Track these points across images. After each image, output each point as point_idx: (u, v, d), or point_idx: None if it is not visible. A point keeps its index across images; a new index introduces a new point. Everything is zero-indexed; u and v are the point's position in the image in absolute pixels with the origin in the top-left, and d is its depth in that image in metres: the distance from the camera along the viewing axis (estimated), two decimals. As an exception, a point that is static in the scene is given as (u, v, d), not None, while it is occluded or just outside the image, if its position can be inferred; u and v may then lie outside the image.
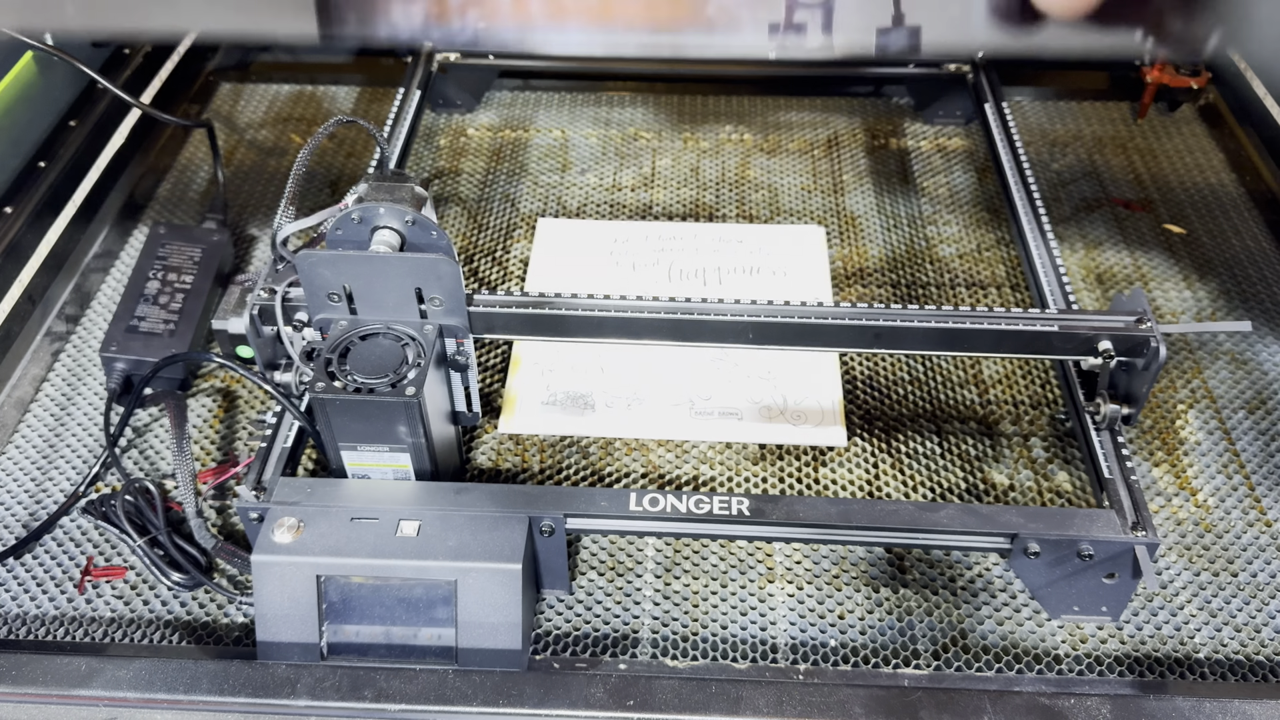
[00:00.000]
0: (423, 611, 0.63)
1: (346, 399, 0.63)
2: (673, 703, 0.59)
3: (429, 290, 0.67)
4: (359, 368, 0.65)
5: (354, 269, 0.66)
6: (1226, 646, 0.67)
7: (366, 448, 0.66)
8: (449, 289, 0.67)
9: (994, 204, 1.02)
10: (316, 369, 0.65)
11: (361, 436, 0.66)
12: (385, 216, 0.67)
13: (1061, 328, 0.70)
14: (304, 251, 0.66)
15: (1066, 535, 0.65)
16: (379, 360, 0.65)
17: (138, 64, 1.09)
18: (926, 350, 0.73)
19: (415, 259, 0.65)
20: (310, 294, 0.67)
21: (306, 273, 0.66)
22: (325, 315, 0.68)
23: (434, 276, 0.66)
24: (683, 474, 0.78)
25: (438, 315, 0.68)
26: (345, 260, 0.65)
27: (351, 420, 0.65)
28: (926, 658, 0.67)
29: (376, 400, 0.63)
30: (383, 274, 0.66)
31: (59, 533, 0.74)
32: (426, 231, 0.67)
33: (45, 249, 0.92)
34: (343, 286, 0.66)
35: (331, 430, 0.65)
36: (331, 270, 0.66)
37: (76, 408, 0.83)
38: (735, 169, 1.07)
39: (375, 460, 0.67)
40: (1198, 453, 0.79)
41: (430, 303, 0.67)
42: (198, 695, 0.59)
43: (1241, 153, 1.07)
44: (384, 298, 0.67)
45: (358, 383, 0.64)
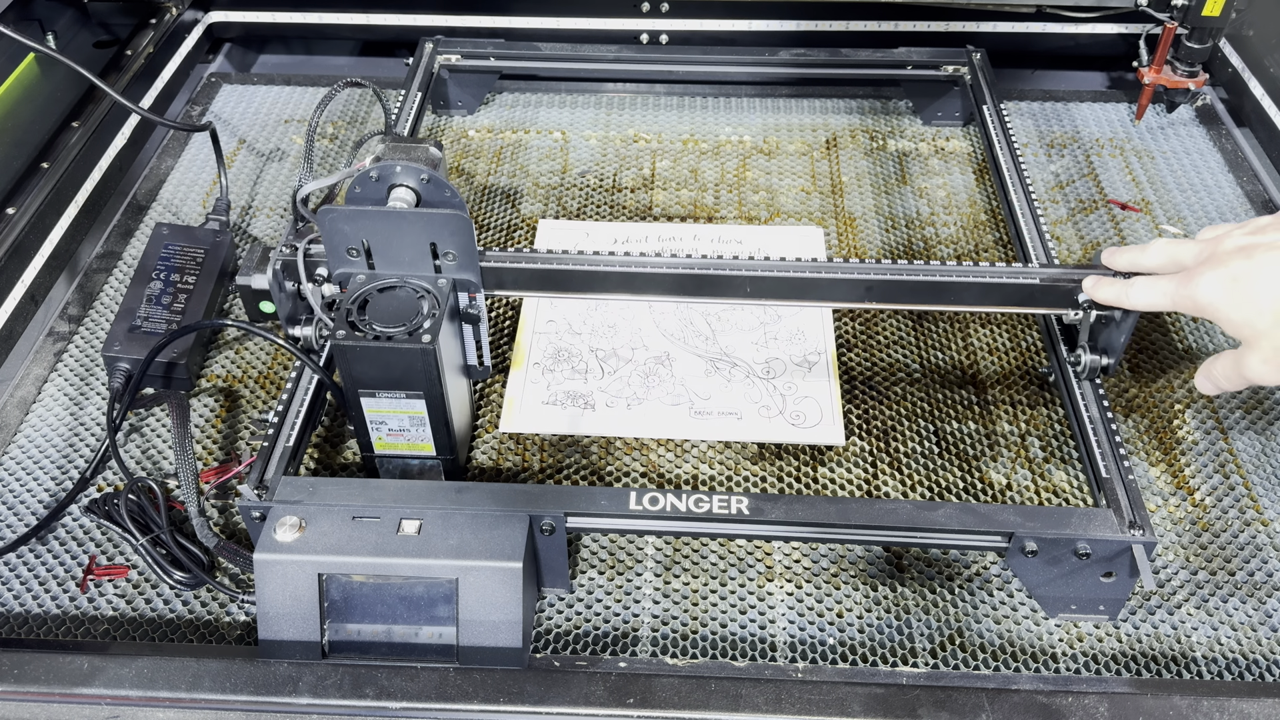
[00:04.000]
0: (424, 610, 0.63)
1: (366, 346, 0.66)
2: (672, 700, 0.59)
3: (443, 245, 0.70)
4: (377, 318, 0.68)
5: (372, 224, 0.68)
6: (1223, 645, 0.68)
7: (385, 395, 0.69)
8: (462, 244, 0.70)
9: (992, 205, 1.02)
10: (337, 319, 0.68)
11: (380, 384, 0.68)
12: (402, 175, 0.71)
13: (1043, 280, 0.73)
14: (325, 207, 0.69)
15: (1064, 534, 0.65)
16: (396, 311, 0.68)
17: (139, 66, 1.09)
18: (915, 304, 0.76)
19: (430, 214, 0.68)
20: (330, 249, 0.70)
21: (327, 228, 0.69)
22: (344, 270, 0.71)
23: (448, 232, 0.69)
24: (682, 473, 0.78)
25: (451, 270, 0.71)
26: (364, 215, 0.68)
27: (370, 367, 0.68)
28: (924, 656, 0.67)
29: (394, 347, 0.66)
30: (399, 229, 0.69)
31: (61, 532, 0.74)
32: (441, 189, 0.71)
33: (48, 249, 0.92)
34: (361, 241, 0.69)
35: (352, 378, 0.68)
36: (351, 225, 0.69)
37: (79, 407, 0.83)
38: (734, 170, 1.07)
39: (392, 407, 0.70)
40: (1195, 452, 0.80)
41: (444, 258, 0.70)
42: (200, 694, 0.59)
43: (1239, 154, 1.08)
44: (400, 253, 0.70)
45: (376, 331, 0.67)
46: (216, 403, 0.83)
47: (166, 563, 0.70)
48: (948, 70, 1.10)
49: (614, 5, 1.17)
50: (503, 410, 0.82)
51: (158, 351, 0.76)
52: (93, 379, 0.85)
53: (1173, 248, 0.67)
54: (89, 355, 0.87)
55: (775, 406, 0.82)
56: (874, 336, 0.88)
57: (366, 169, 0.71)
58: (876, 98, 1.17)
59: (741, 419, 0.81)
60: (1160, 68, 1.09)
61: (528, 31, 1.19)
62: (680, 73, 1.14)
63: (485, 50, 1.12)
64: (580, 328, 0.88)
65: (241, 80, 1.20)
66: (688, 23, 1.18)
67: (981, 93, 1.06)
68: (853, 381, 0.85)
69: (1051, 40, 1.19)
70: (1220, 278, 0.61)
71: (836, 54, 1.12)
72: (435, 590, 0.63)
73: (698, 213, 1.02)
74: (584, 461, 0.79)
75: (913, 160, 1.08)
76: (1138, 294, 0.67)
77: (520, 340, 0.87)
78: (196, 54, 1.22)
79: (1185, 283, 0.63)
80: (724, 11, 1.17)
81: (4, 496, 0.77)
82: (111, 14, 1.15)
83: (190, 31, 1.21)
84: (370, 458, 0.74)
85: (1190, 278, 0.63)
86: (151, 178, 1.05)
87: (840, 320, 0.90)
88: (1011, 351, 0.87)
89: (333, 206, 0.69)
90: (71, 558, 0.72)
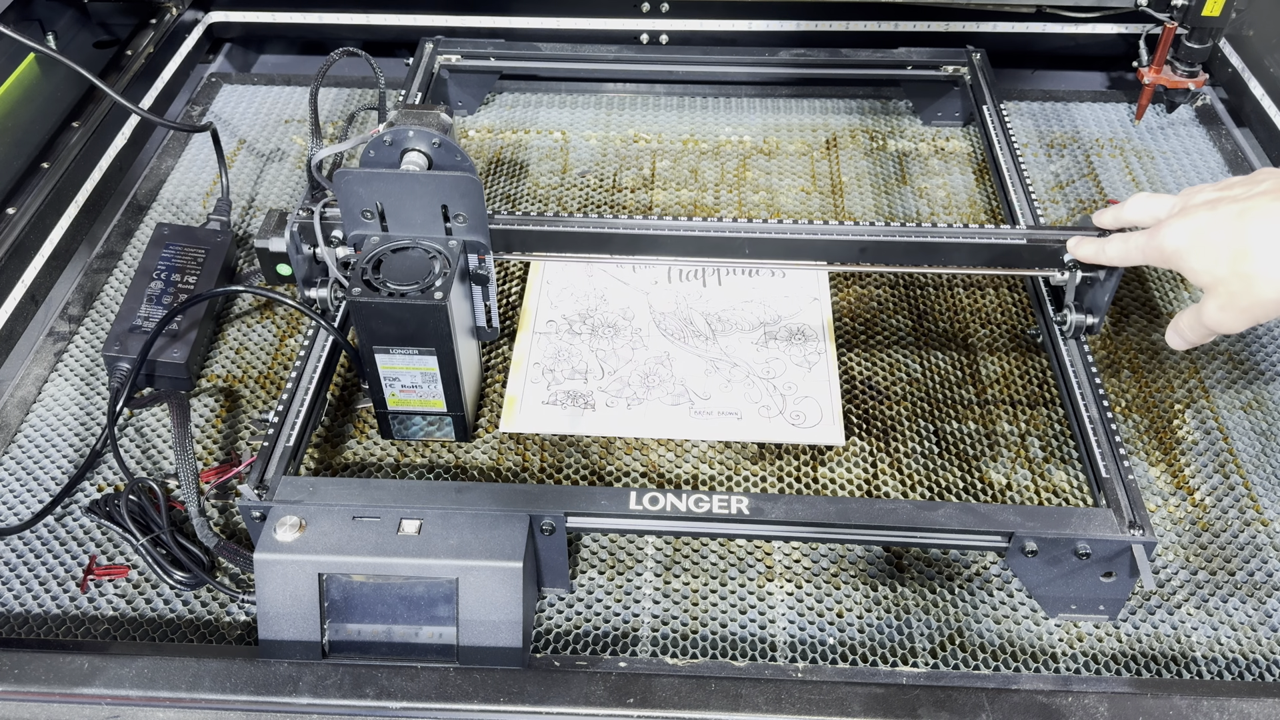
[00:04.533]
0: (424, 610, 0.63)
1: (381, 302, 0.69)
2: (672, 700, 0.59)
3: (454, 207, 0.72)
4: (391, 277, 0.70)
5: (386, 186, 0.71)
6: (1223, 645, 0.68)
7: (398, 351, 0.72)
8: (472, 206, 0.72)
9: (992, 205, 1.02)
10: (353, 277, 0.70)
11: (394, 340, 0.71)
12: (414, 139, 0.73)
13: (1030, 240, 0.77)
14: (341, 170, 0.71)
15: (1064, 534, 0.65)
16: (409, 270, 0.71)
17: (139, 66, 1.09)
18: (908, 266, 0.78)
19: (442, 176, 0.71)
20: (345, 211, 0.73)
21: (343, 190, 0.71)
22: (359, 232, 0.74)
23: (459, 194, 0.71)
24: (682, 473, 0.78)
25: (462, 232, 0.74)
26: (378, 178, 0.71)
27: (385, 324, 0.70)
28: (924, 656, 0.67)
29: (408, 303, 0.69)
30: (412, 191, 0.71)
31: (61, 532, 0.74)
32: (452, 154, 0.73)
33: (48, 249, 0.92)
34: (375, 204, 0.72)
35: (368, 333, 0.71)
36: (365, 188, 0.71)
37: (80, 407, 0.83)
38: (734, 170, 1.07)
39: (405, 364, 0.72)
40: (1195, 452, 0.80)
41: (455, 220, 0.73)
42: (200, 693, 0.59)
43: (1239, 154, 1.08)
44: (413, 215, 0.72)
45: (391, 289, 0.69)
46: (216, 403, 0.83)
47: (167, 563, 0.70)
48: (948, 70, 1.10)
49: (614, 5, 1.17)
50: (503, 410, 0.82)
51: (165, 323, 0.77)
52: (93, 379, 0.85)
53: (1150, 201, 0.69)
54: (89, 355, 0.87)
55: (775, 406, 0.82)
56: (874, 336, 0.88)
57: (380, 133, 0.73)
58: (876, 98, 1.17)
59: (741, 419, 0.81)
60: (1160, 68, 1.09)
61: (528, 31, 1.19)
62: (680, 73, 1.14)
63: (485, 50, 1.12)
64: (580, 328, 0.88)
65: (241, 80, 1.20)
66: (688, 23, 1.18)
67: (981, 93, 1.06)
68: (853, 381, 0.85)
69: (1051, 40, 1.19)
70: (1185, 227, 0.63)
71: (836, 54, 1.12)
72: (435, 590, 0.63)
73: (698, 213, 1.02)
74: (584, 461, 0.79)
75: (913, 160, 1.08)
76: (1113, 248, 0.71)
77: (520, 340, 0.87)
78: (196, 54, 1.22)
79: (1154, 234, 0.66)
80: (724, 11, 1.17)
81: (4, 496, 0.77)
82: (112, 14, 1.15)
83: (190, 31, 1.21)
84: (383, 414, 0.77)
85: (1159, 229, 0.65)
86: (152, 178, 1.05)
87: (840, 320, 0.90)
88: (1012, 351, 0.87)
89: (348, 169, 0.70)
90: (71, 557, 0.72)
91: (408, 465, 0.79)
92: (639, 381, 0.84)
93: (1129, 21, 1.17)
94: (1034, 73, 1.27)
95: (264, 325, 0.90)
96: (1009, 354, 0.87)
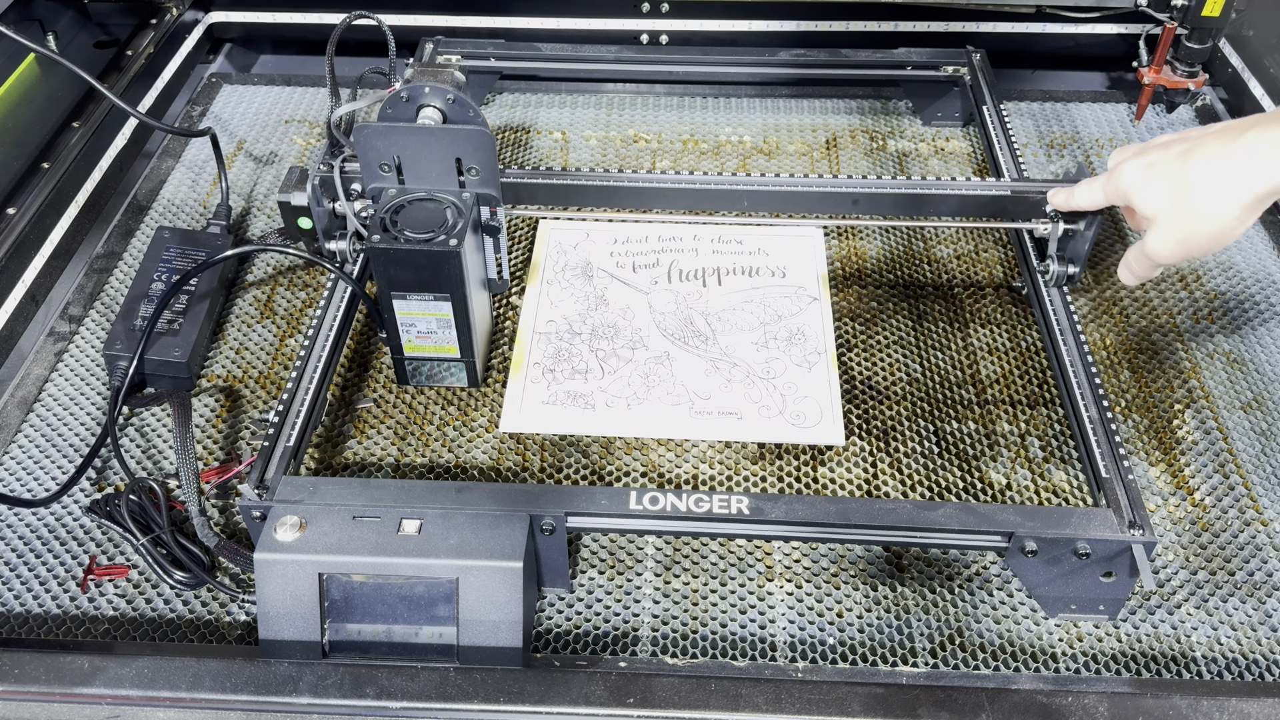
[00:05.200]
0: (424, 609, 0.63)
1: (399, 249, 0.73)
2: (672, 700, 0.59)
3: (467, 160, 0.76)
4: (408, 225, 0.74)
5: (403, 139, 0.75)
6: (1223, 645, 0.68)
7: (415, 297, 0.76)
8: (484, 159, 0.76)
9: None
10: (372, 226, 0.74)
11: (410, 286, 0.75)
12: (430, 95, 0.76)
13: (1014, 192, 0.83)
14: (361, 124, 0.75)
15: (1063, 534, 0.65)
16: (425, 219, 0.75)
17: (139, 67, 1.09)
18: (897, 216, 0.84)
19: (456, 130, 0.75)
20: (364, 165, 0.77)
21: (362, 144, 0.75)
22: (377, 184, 0.78)
23: (472, 147, 0.76)
24: (682, 473, 0.78)
25: (475, 184, 0.78)
26: (396, 131, 0.75)
27: (402, 270, 0.74)
28: (924, 656, 0.67)
29: (424, 250, 0.72)
30: (428, 144, 0.75)
31: (61, 532, 0.74)
32: (466, 109, 0.77)
33: (48, 249, 0.92)
34: (393, 157, 0.76)
35: (386, 279, 0.75)
36: (384, 141, 0.75)
37: (80, 407, 0.83)
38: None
39: (422, 309, 0.76)
40: (1195, 452, 0.80)
41: (468, 173, 0.77)
42: (200, 693, 0.59)
43: (1238, 154, 1.08)
44: (428, 168, 0.77)
45: (408, 237, 0.73)
46: (217, 402, 0.83)
47: (167, 562, 0.70)
48: (947, 71, 1.10)
49: (614, 5, 1.17)
50: (503, 410, 0.82)
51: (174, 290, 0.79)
52: (93, 379, 0.85)
53: (1117, 152, 0.73)
54: (89, 355, 0.87)
55: (775, 406, 0.82)
56: (874, 337, 0.88)
57: (397, 90, 0.76)
58: (876, 98, 1.17)
59: (741, 419, 0.81)
60: (1160, 68, 1.09)
61: (528, 32, 1.19)
62: (680, 73, 1.14)
63: (485, 50, 1.12)
64: (580, 328, 0.89)
65: (242, 81, 1.20)
66: (688, 23, 1.18)
67: (981, 93, 1.06)
68: (853, 381, 0.85)
69: (1051, 40, 1.19)
70: (1139, 165, 0.68)
71: (836, 54, 1.12)
72: (435, 590, 0.63)
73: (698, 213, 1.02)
74: (584, 461, 0.79)
75: (913, 160, 1.08)
76: (1080, 191, 0.77)
77: (520, 340, 0.87)
78: (197, 54, 1.22)
79: (1113, 173, 0.71)
80: (724, 11, 1.17)
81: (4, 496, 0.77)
82: (112, 14, 1.15)
83: (190, 32, 1.21)
84: (400, 360, 0.81)
85: (1117, 168, 0.71)
86: (152, 178, 1.05)
87: (840, 321, 0.90)
88: (1011, 351, 0.87)
89: (368, 123, 0.74)
90: (72, 557, 0.72)
91: (408, 465, 0.79)
92: (639, 381, 0.84)
93: (1129, 21, 1.17)
94: (1034, 73, 1.27)
95: (264, 325, 0.90)
96: (1009, 354, 0.87)
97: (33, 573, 0.72)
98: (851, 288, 0.93)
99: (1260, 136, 0.60)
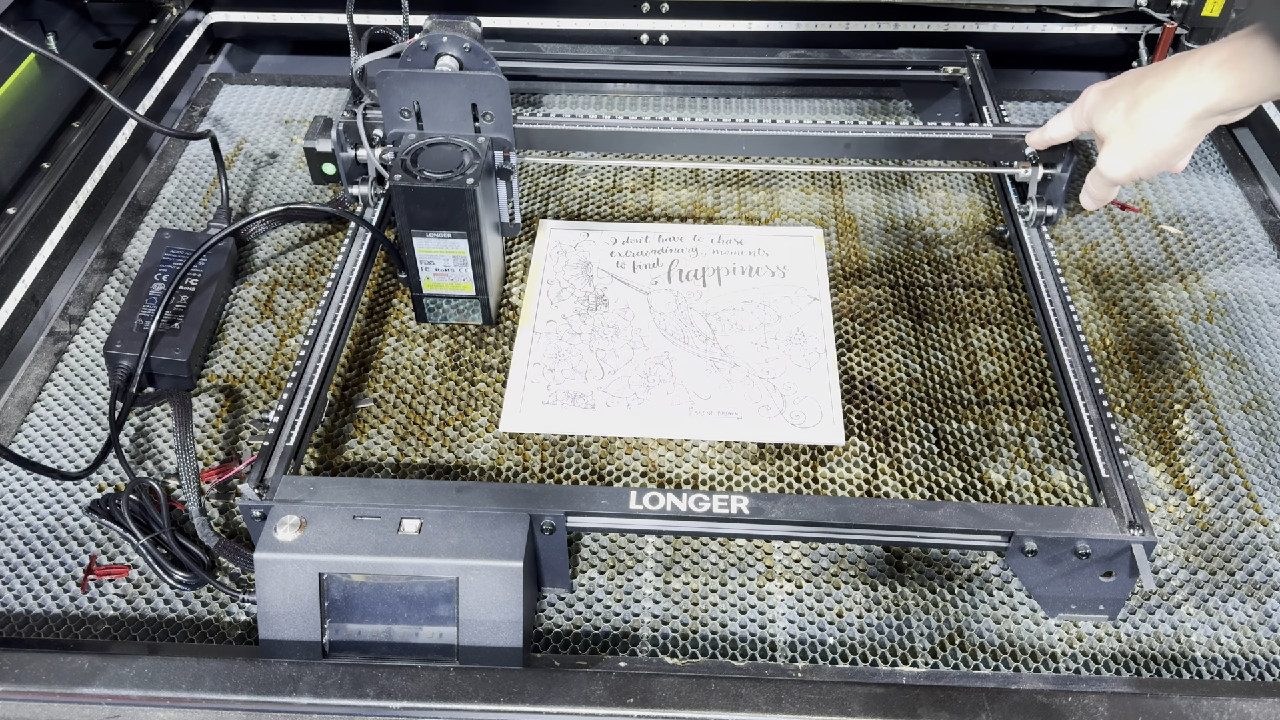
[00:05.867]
0: (424, 609, 0.63)
1: (418, 187, 0.78)
2: (672, 700, 0.59)
3: (483, 106, 0.82)
4: (427, 166, 0.80)
5: (422, 85, 0.81)
6: (1223, 645, 0.68)
7: (433, 235, 0.81)
8: (499, 105, 0.83)
9: (991, 205, 1.02)
10: (394, 166, 0.79)
11: (429, 223, 0.80)
12: (447, 45, 0.82)
13: (995, 136, 0.90)
14: (383, 70, 0.80)
15: (1063, 534, 0.65)
16: (443, 161, 0.80)
17: (139, 67, 1.09)
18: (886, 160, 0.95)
19: (473, 76, 0.81)
20: (386, 111, 0.83)
21: (384, 90, 0.81)
22: (397, 130, 0.84)
23: (487, 93, 0.82)
24: (682, 473, 0.78)
25: (489, 129, 0.84)
26: (416, 77, 0.81)
27: (422, 207, 0.79)
28: (924, 655, 0.67)
29: (443, 188, 0.78)
30: (446, 90, 0.81)
31: (61, 531, 0.74)
32: (481, 58, 0.82)
33: (48, 250, 0.92)
34: (413, 103, 0.82)
35: (407, 217, 0.80)
36: (404, 87, 0.81)
37: (80, 407, 0.83)
38: (734, 170, 1.07)
39: (440, 247, 0.82)
40: (1194, 452, 0.80)
41: (484, 119, 0.83)
42: (200, 693, 0.59)
43: (1238, 154, 1.08)
44: (446, 114, 0.82)
45: (426, 176, 0.78)
46: (217, 402, 0.83)
47: (167, 562, 0.70)
48: (947, 71, 1.10)
49: (614, 5, 1.17)
50: (503, 410, 0.82)
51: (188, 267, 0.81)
52: (93, 379, 0.85)
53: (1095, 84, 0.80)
54: (89, 355, 0.87)
55: (775, 406, 0.82)
56: (874, 337, 0.88)
57: (417, 39, 0.81)
58: (876, 98, 1.17)
59: (741, 419, 0.81)
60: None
61: (528, 31, 1.19)
62: (680, 73, 1.14)
63: (485, 50, 1.12)
64: (580, 328, 0.89)
65: (241, 81, 1.20)
66: (688, 23, 1.18)
67: (981, 93, 1.06)
68: (853, 381, 0.85)
69: (1051, 40, 1.19)
70: (1101, 89, 0.77)
71: (836, 54, 1.12)
72: (435, 590, 0.63)
73: (697, 213, 1.02)
74: (584, 461, 0.79)
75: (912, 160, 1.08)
76: (1052, 123, 0.84)
77: (520, 340, 0.87)
78: (197, 54, 1.22)
79: (1080, 101, 0.79)
80: (724, 12, 1.17)
81: (4, 496, 0.77)
82: (112, 14, 1.15)
83: (190, 32, 1.21)
84: (419, 298, 0.86)
85: (1084, 95, 0.79)
86: (152, 178, 1.05)
87: (840, 321, 0.90)
88: (1011, 351, 0.87)
89: (390, 70, 0.80)
90: (72, 557, 0.72)
91: (408, 465, 0.79)
92: (639, 381, 0.84)
93: (1129, 21, 1.17)
94: (1034, 73, 1.28)
95: (264, 325, 0.90)
96: (1009, 354, 0.87)
97: (33, 573, 0.72)
98: (851, 288, 0.93)
99: (1199, 64, 0.68)
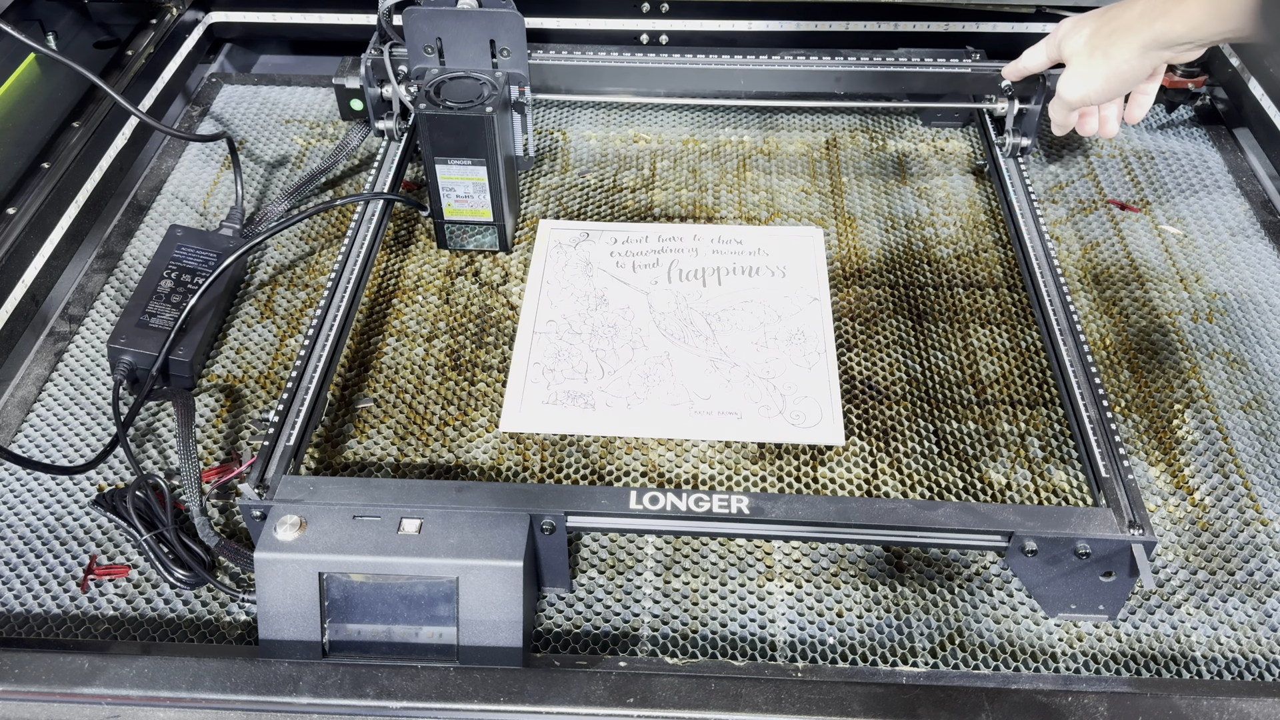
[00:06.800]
0: (424, 609, 0.63)
1: (441, 114, 0.86)
2: (672, 700, 0.59)
3: (500, 41, 0.92)
4: (449, 97, 0.87)
5: (444, 21, 0.91)
6: (1223, 644, 0.68)
7: (454, 162, 0.88)
8: (515, 40, 0.93)
9: (991, 205, 1.02)
10: (419, 98, 0.87)
11: (451, 150, 0.88)
12: None
13: (973, 70, 1.01)
14: (409, 7, 0.90)
15: (1063, 534, 0.65)
16: (464, 92, 0.88)
17: (139, 67, 1.09)
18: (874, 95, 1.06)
19: (491, 12, 0.91)
20: (411, 47, 0.93)
21: (410, 26, 0.91)
22: (421, 65, 0.94)
23: (504, 28, 0.92)
24: (682, 473, 0.78)
25: (506, 65, 0.94)
26: (439, 14, 0.91)
27: (444, 134, 0.87)
28: (924, 655, 0.67)
29: (464, 115, 0.86)
30: (466, 25, 0.91)
31: (62, 531, 0.74)
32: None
33: (48, 249, 0.92)
34: (436, 39, 0.92)
35: (430, 144, 0.87)
36: (428, 24, 0.91)
37: (80, 407, 0.83)
38: (734, 171, 1.07)
39: (460, 174, 0.89)
40: (1194, 452, 0.80)
41: (501, 54, 0.93)
42: (200, 693, 0.59)
43: (1238, 154, 1.08)
44: (465, 50, 0.92)
45: (448, 105, 0.86)
46: (217, 402, 0.83)
47: (170, 560, 0.70)
48: (947, 70, 1.11)
49: (614, 5, 1.17)
50: (503, 410, 0.82)
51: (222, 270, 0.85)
52: (93, 379, 0.85)
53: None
54: (90, 355, 0.87)
55: (775, 406, 0.82)
56: (874, 337, 0.88)
57: None
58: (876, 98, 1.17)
59: (741, 419, 0.81)
60: (1160, 68, 1.09)
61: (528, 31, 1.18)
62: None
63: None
64: (580, 327, 0.89)
65: (241, 80, 1.20)
66: (688, 23, 1.18)
67: (981, 93, 1.06)
68: (853, 381, 0.85)
69: (1051, 40, 1.19)
70: (1072, 19, 0.82)
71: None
72: (435, 589, 0.63)
73: (698, 213, 1.02)
74: (584, 461, 0.79)
75: (913, 161, 1.08)
76: (1027, 54, 0.91)
77: (520, 340, 0.87)
78: (197, 54, 1.22)
79: (1054, 31, 0.84)
80: (724, 12, 1.17)
81: (4, 496, 0.77)
82: (112, 14, 1.16)
83: (191, 32, 1.21)
84: (440, 224, 0.94)
85: (1058, 26, 0.83)
86: (152, 178, 1.05)
87: (840, 321, 0.90)
88: (1011, 351, 0.87)
89: (416, 6, 0.90)
90: (72, 557, 0.72)
91: (408, 465, 0.79)
92: (639, 381, 0.84)
93: (1129, 22, 1.17)
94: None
95: (264, 325, 0.90)
96: (1009, 354, 0.87)
97: (33, 572, 0.72)
98: (851, 288, 0.93)
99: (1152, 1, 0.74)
